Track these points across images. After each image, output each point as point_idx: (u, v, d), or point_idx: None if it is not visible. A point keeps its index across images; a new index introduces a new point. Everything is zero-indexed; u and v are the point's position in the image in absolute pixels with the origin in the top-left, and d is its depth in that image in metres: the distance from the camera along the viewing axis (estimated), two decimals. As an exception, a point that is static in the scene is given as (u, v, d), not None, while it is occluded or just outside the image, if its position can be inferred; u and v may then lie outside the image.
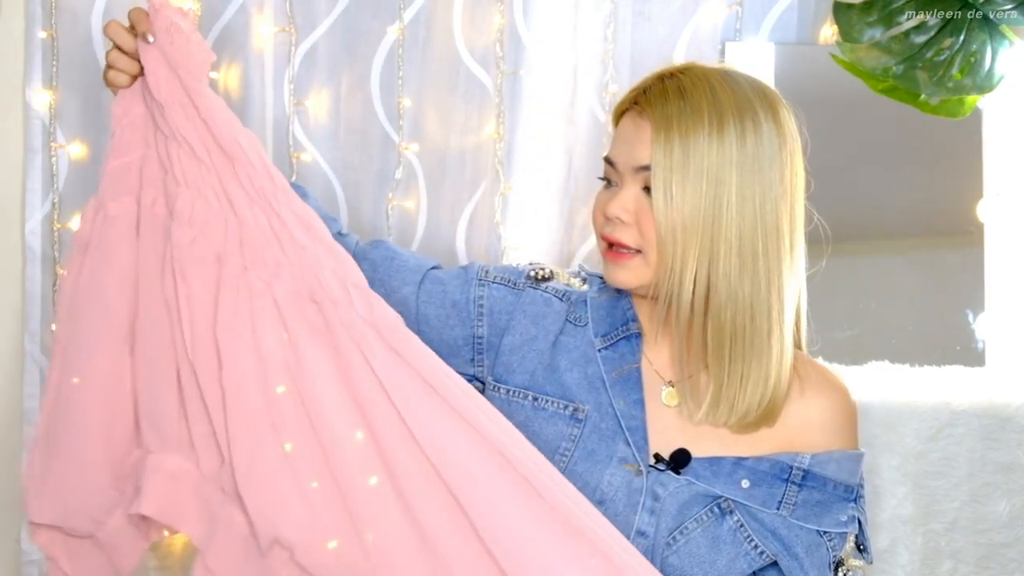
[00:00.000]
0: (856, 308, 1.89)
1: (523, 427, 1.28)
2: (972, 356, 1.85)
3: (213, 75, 1.84)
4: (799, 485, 1.29)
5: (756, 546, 1.27)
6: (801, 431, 1.32)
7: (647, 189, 1.26)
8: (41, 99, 1.79)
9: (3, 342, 1.83)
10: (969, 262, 1.87)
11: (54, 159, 1.80)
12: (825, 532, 1.29)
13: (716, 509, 1.28)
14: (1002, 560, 1.67)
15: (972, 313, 1.87)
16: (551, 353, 1.35)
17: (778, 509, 1.28)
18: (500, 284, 1.39)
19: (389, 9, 1.87)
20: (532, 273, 1.40)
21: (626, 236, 1.27)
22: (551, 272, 1.40)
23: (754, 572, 1.28)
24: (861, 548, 1.34)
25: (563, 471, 1.28)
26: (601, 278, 1.40)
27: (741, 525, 1.28)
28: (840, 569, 1.31)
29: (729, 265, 1.25)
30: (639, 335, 1.35)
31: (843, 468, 1.31)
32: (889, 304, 1.89)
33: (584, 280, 1.41)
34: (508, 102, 1.88)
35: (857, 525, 1.32)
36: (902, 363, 1.82)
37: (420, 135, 1.89)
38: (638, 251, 1.27)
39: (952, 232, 1.90)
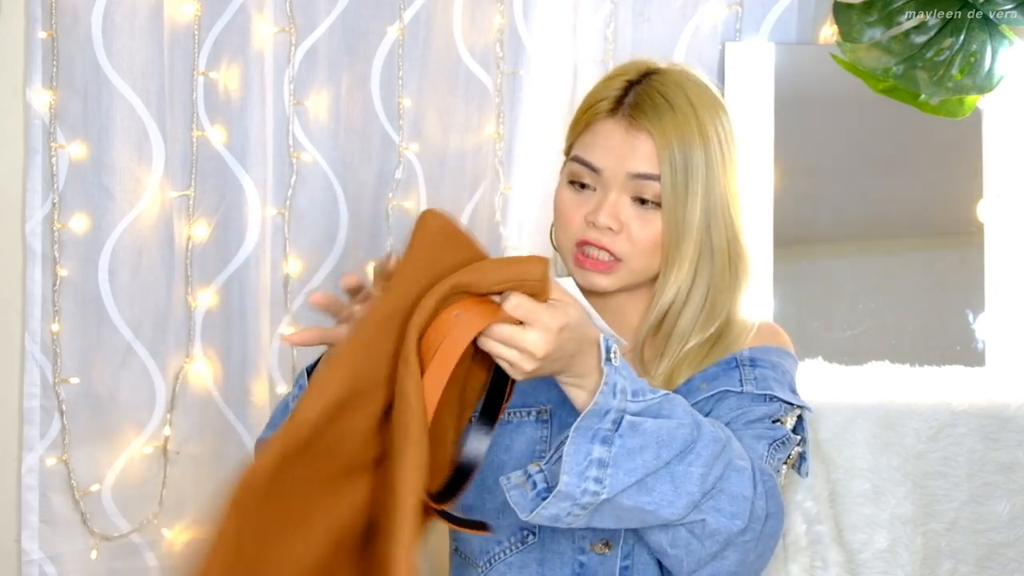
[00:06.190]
0: (856, 308, 1.89)
1: (494, 449, 1.29)
2: (972, 356, 1.85)
3: (213, 75, 1.84)
4: (751, 366, 1.31)
5: None
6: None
7: (638, 199, 1.27)
8: (41, 99, 1.79)
9: (3, 342, 1.83)
10: (969, 262, 1.87)
11: (54, 159, 1.80)
12: (776, 397, 1.29)
13: None
14: (1002, 560, 1.67)
15: (972, 313, 1.87)
16: None
17: (741, 387, 1.29)
18: None
19: (389, 9, 1.87)
20: None
21: (615, 244, 1.27)
22: None
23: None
24: (796, 465, 1.34)
25: None
26: None
27: None
28: (778, 452, 1.27)
29: (713, 266, 1.29)
30: None
31: (782, 357, 1.34)
32: (889, 304, 1.89)
33: None
34: (508, 102, 1.88)
35: (801, 425, 1.32)
36: (902, 363, 1.81)
37: (420, 135, 1.89)
38: (619, 259, 1.28)
39: (952, 232, 1.90)
